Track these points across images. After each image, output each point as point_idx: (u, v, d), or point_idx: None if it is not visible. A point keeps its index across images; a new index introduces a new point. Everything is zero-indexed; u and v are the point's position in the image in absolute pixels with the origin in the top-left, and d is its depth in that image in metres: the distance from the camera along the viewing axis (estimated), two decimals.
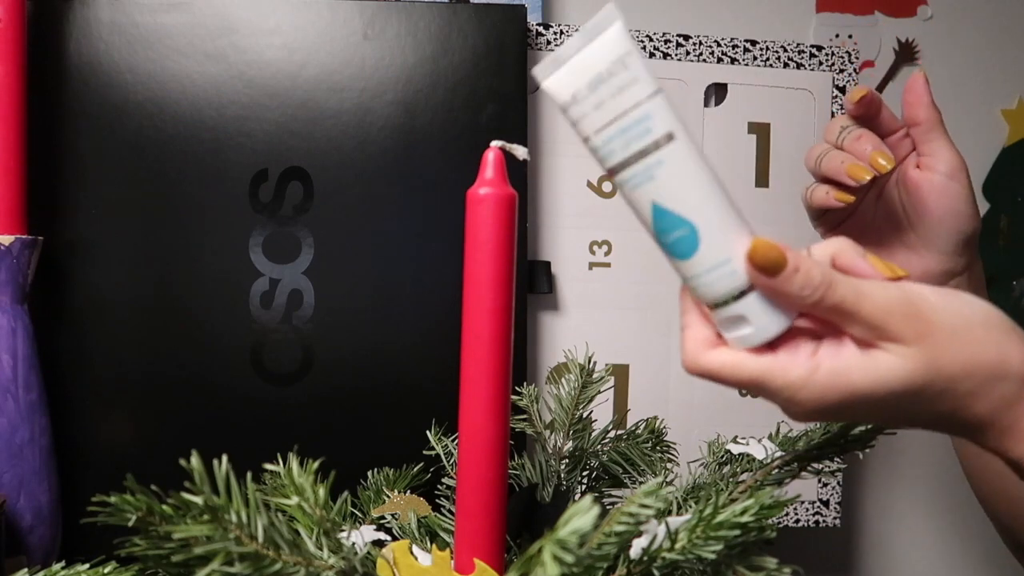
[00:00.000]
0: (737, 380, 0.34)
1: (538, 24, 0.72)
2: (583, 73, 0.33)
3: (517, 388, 0.56)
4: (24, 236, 0.56)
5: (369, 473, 0.56)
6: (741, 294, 0.33)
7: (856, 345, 0.33)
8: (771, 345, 0.34)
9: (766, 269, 0.32)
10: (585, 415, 0.54)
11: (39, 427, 0.56)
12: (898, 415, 0.35)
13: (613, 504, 0.51)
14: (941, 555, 0.89)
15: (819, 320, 0.34)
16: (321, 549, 0.34)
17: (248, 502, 0.31)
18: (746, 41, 0.75)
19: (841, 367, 0.33)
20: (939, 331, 0.33)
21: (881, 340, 0.33)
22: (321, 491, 0.37)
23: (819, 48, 0.76)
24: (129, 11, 0.64)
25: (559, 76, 0.33)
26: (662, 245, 0.34)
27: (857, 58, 0.76)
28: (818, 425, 0.48)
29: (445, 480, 0.53)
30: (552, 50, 0.72)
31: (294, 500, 0.37)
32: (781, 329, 0.34)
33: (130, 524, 0.31)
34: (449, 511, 0.50)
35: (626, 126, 0.32)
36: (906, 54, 0.88)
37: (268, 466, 0.42)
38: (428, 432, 0.55)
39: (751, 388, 0.34)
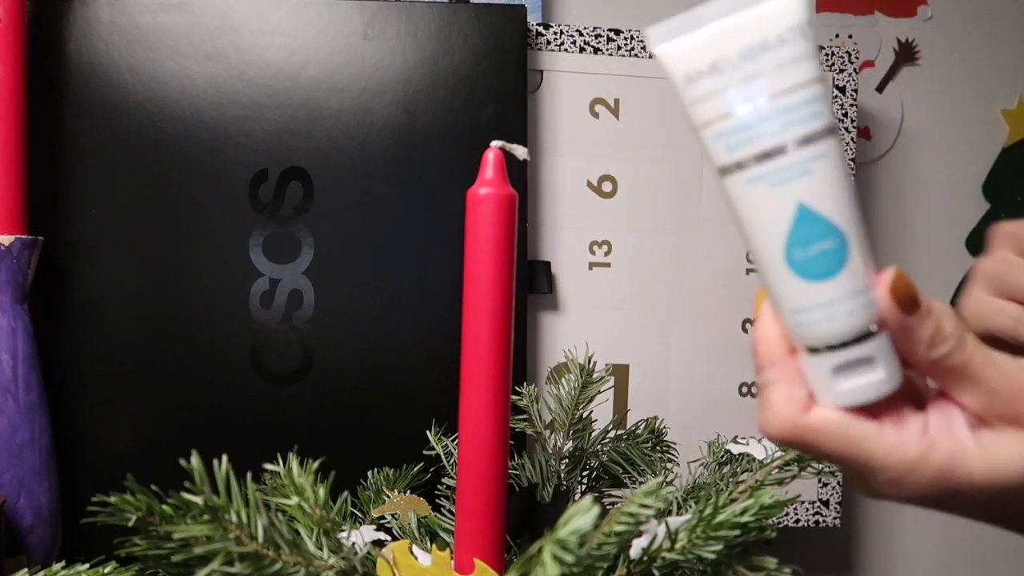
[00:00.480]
0: (839, 446, 0.29)
1: (538, 24, 0.72)
2: (740, 37, 0.27)
3: (517, 388, 0.55)
4: (24, 236, 0.56)
5: (369, 473, 0.56)
6: (873, 332, 0.28)
7: (967, 422, 0.29)
8: (873, 415, 0.29)
9: (905, 304, 0.27)
10: (585, 415, 0.54)
11: (39, 427, 0.56)
12: (1010, 515, 0.30)
13: (613, 504, 0.51)
14: (941, 555, 0.89)
15: (913, 384, 0.30)
16: (321, 549, 0.34)
17: (248, 502, 0.31)
18: None
19: (958, 451, 0.28)
20: None
21: (1002, 421, 0.28)
22: (321, 491, 0.37)
23: (819, 48, 0.76)
24: (129, 11, 0.64)
25: (698, 39, 0.27)
26: (790, 261, 0.27)
27: (857, 58, 0.76)
28: None
29: (445, 480, 0.53)
30: (553, 50, 0.72)
31: (294, 500, 0.37)
32: (901, 381, 0.28)
33: (130, 524, 0.31)
34: (449, 511, 0.50)
35: (790, 106, 0.26)
36: (906, 54, 0.88)
37: (268, 466, 0.42)
38: (428, 432, 0.55)
39: (848, 460, 0.29)
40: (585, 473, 0.53)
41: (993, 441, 0.28)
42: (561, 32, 0.72)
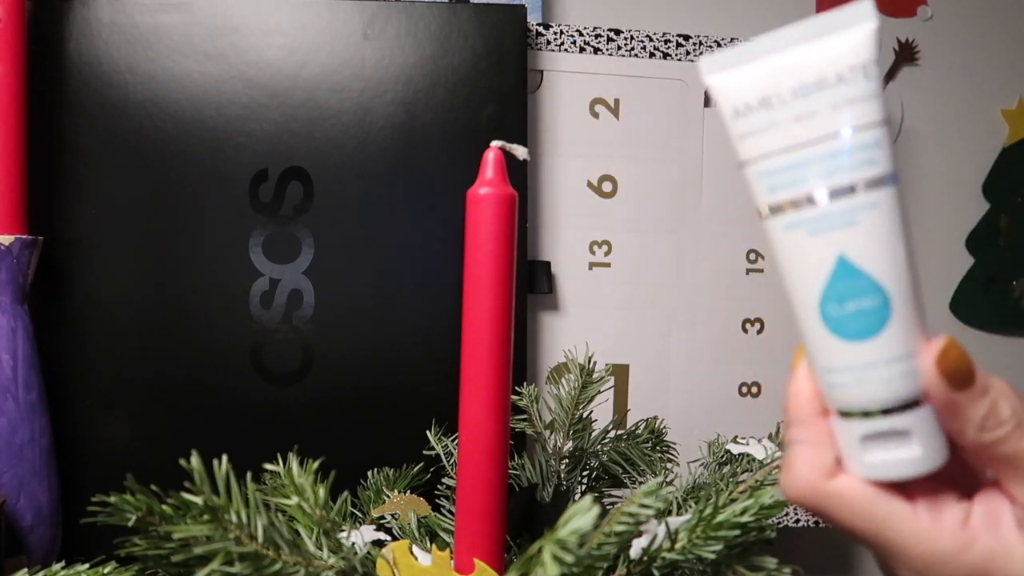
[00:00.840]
0: (862, 521, 0.26)
1: (538, 24, 0.72)
2: (794, 73, 0.25)
3: (517, 388, 0.55)
4: (24, 236, 0.56)
5: (369, 473, 0.56)
6: (912, 404, 0.25)
7: (1016, 518, 0.26)
8: (907, 492, 0.26)
9: (955, 378, 0.25)
10: (585, 415, 0.54)
11: (39, 427, 0.56)
12: None
13: (613, 504, 0.51)
14: None
15: (965, 468, 0.27)
16: (321, 549, 0.34)
17: (248, 502, 0.31)
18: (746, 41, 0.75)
19: (1001, 551, 0.25)
20: None
21: None
22: (321, 491, 0.37)
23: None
24: (129, 11, 0.64)
25: (750, 71, 0.26)
26: (824, 316, 0.25)
27: None
28: None
29: (445, 480, 0.53)
30: (553, 50, 0.72)
31: (294, 500, 0.37)
32: (942, 462, 0.26)
33: (130, 524, 0.31)
34: (449, 511, 0.50)
35: (840, 150, 0.24)
36: (906, 54, 0.88)
37: (268, 466, 0.42)
38: (428, 432, 0.55)
39: (870, 538, 0.26)
40: (585, 473, 0.53)
41: None
42: (561, 32, 0.72)
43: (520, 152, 0.40)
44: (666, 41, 0.74)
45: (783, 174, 0.25)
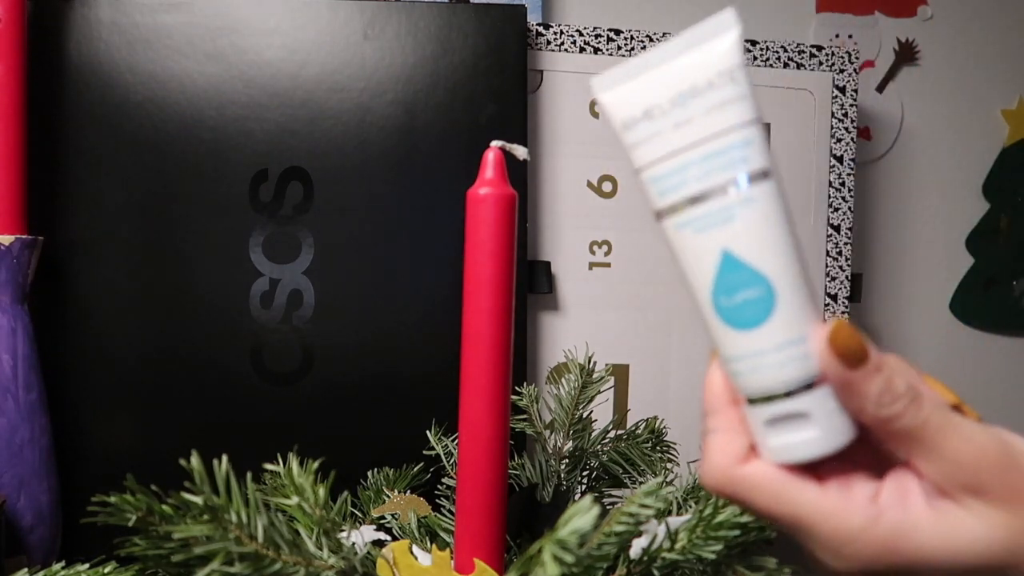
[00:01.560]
0: (773, 504, 0.27)
1: (538, 24, 0.72)
2: (671, 84, 0.27)
3: (517, 388, 0.55)
4: (24, 236, 0.56)
5: (369, 473, 0.56)
6: (808, 386, 0.26)
7: (924, 493, 0.26)
8: (817, 474, 0.27)
9: (847, 357, 0.25)
10: (585, 415, 0.54)
11: (39, 427, 0.56)
12: None
13: (613, 504, 0.51)
14: None
15: (878, 449, 0.28)
16: (321, 549, 0.34)
17: (248, 502, 0.31)
18: (746, 41, 0.75)
19: (908, 524, 0.26)
20: None
21: (963, 492, 0.25)
22: (321, 491, 0.37)
23: (819, 48, 0.76)
24: (129, 11, 0.64)
25: (633, 87, 0.28)
26: (718, 308, 0.27)
27: (857, 58, 0.76)
28: None
29: (445, 480, 0.53)
30: (553, 50, 0.72)
31: (294, 500, 0.37)
32: (846, 441, 0.27)
33: (130, 524, 0.31)
34: (449, 511, 0.50)
35: (716, 151, 0.26)
36: (906, 54, 0.88)
37: (268, 466, 0.42)
38: (428, 432, 0.55)
39: (783, 520, 0.27)
40: (585, 473, 0.53)
41: (953, 516, 0.26)
42: (561, 32, 0.72)
43: (520, 152, 0.40)
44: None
45: (668, 179, 0.27)
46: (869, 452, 0.28)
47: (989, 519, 0.25)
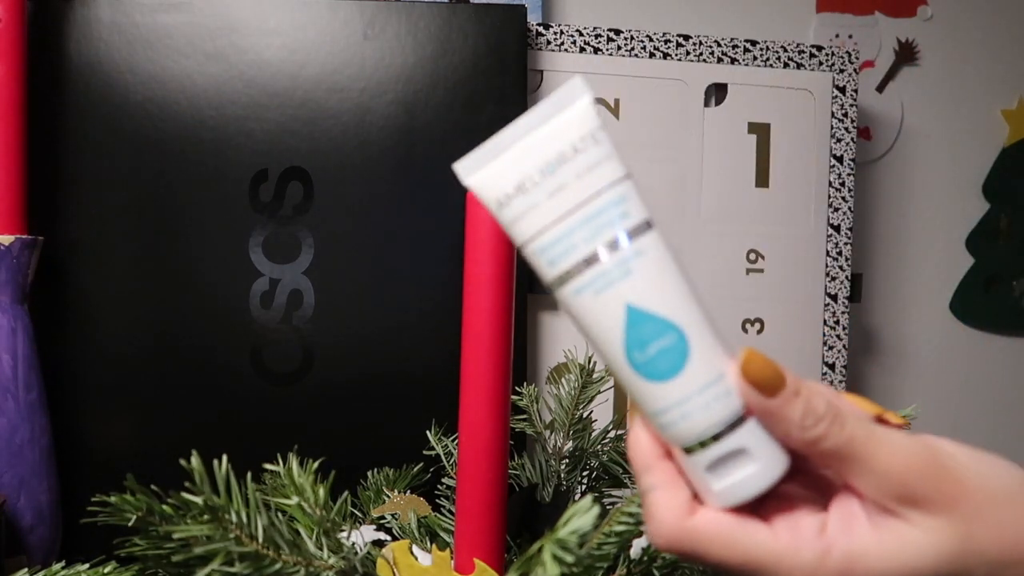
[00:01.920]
0: (728, 556, 0.26)
1: (538, 24, 0.72)
2: (537, 155, 0.27)
3: (517, 388, 0.55)
4: (24, 236, 0.56)
5: (369, 473, 0.56)
6: (738, 422, 0.26)
7: (867, 514, 0.26)
8: (764, 516, 0.27)
9: (762, 385, 0.26)
10: (585, 415, 0.54)
11: (39, 427, 0.56)
12: None
13: (613, 504, 0.51)
14: None
15: (818, 480, 0.28)
16: (321, 549, 0.34)
17: (248, 502, 0.31)
18: (746, 41, 0.75)
19: (857, 550, 0.25)
20: (973, 497, 0.25)
21: (901, 505, 0.25)
22: (321, 491, 0.37)
23: (819, 48, 0.76)
24: (129, 11, 0.64)
25: (500, 164, 0.28)
26: (633, 365, 0.26)
27: (857, 58, 0.76)
28: None
29: (445, 480, 0.53)
30: (553, 50, 0.72)
31: (294, 500, 0.37)
32: (786, 467, 0.27)
33: (130, 524, 0.31)
34: (449, 511, 0.50)
35: (596, 211, 0.26)
36: (906, 54, 0.88)
37: (268, 466, 0.42)
38: (428, 432, 0.55)
39: (739, 567, 0.26)
40: (585, 473, 0.53)
41: (894, 531, 0.25)
42: (561, 32, 0.72)
43: None
44: (666, 41, 0.74)
45: (555, 247, 0.27)
46: (810, 485, 0.28)
47: (932, 530, 0.25)
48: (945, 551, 0.25)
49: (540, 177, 0.27)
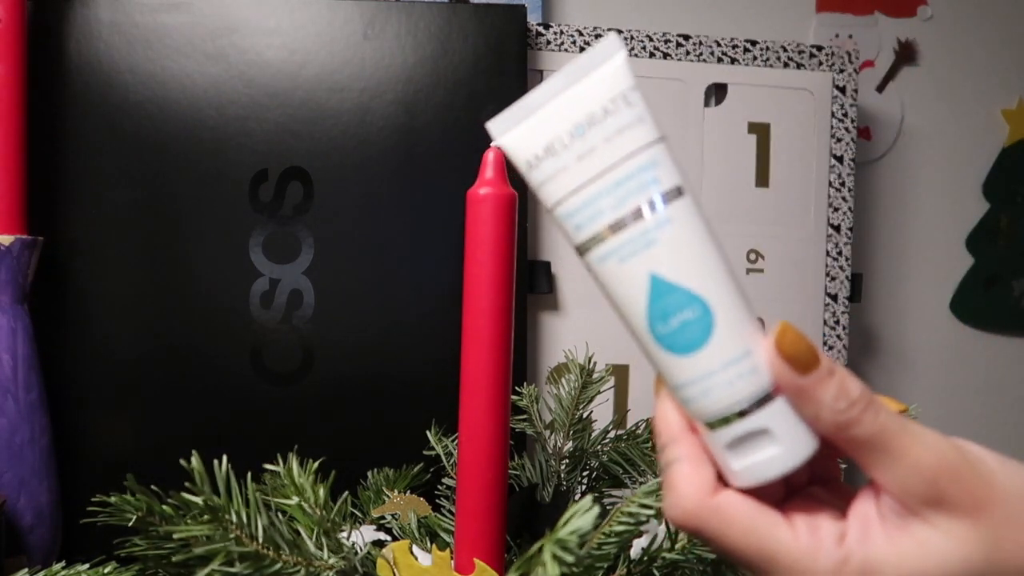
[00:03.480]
0: (744, 542, 0.25)
1: (538, 24, 0.72)
2: (566, 116, 0.26)
3: (517, 388, 0.55)
4: (24, 236, 0.56)
5: (369, 473, 0.56)
6: (764, 400, 0.25)
7: (887, 519, 0.25)
8: (785, 511, 0.26)
9: (796, 361, 0.25)
10: (585, 415, 0.54)
11: (39, 427, 0.56)
12: None
13: (613, 504, 0.51)
14: None
15: (841, 487, 0.27)
16: (321, 549, 0.34)
17: (248, 502, 0.31)
18: (746, 41, 0.75)
19: (875, 559, 0.24)
20: (1002, 502, 0.24)
21: (927, 506, 0.24)
22: (321, 491, 0.37)
23: (819, 48, 0.76)
24: (129, 11, 0.64)
25: (531, 125, 0.27)
26: (657, 336, 0.26)
27: (857, 58, 0.76)
28: None
29: (445, 480, 0.53)
30: (553, 50, 0.72)
31: (294, 500, 0.37)
32: (810, 453, 0.26)
33: (130, 524, 0.31)
34: (449, 511, 0.50)
35: (624, 176, 0.26)
36: (906, 54, 0.88)
37: (268, 466, 0.42)
38: (428, 432, 0.55)
39: (753, 556, 0.25)
40: (585, 473, 0.53)
41: (921, 537, 0.24)
42: (561, 32, 0.72)
43: None
44: (666, 41, 0.74)
45: (582, 212, 0.26)
46: (834, 491, 0.28)
47: (957, 536, 0.24)
48: (971, 559, 0.24)
49: (569, 139, 0.26)
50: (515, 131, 0.27)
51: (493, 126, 0.28)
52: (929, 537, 0.24)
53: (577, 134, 0.26)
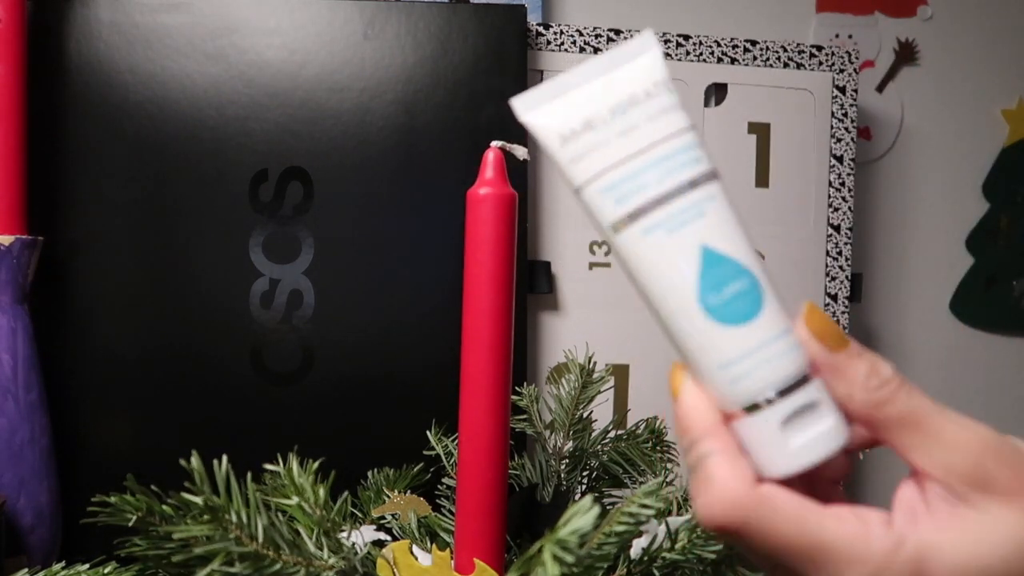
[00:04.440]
0: (795, 536, 0.24)
1: (538, 24, 0.72)
2: (608, 95, 0.27)
3: (517, 388, 0.55)
4: (24, 236, 0.56)
5: (369, 473, 0.56)
6: (807, 377, 0.25)
7: (933, 504, 0.24)
8: (828, 498, 0.26)
9: (826, 336, 0.25)
10: (585, 415, 0.54)
11: (39, 427, 0.56)
12: None
13: (613, 504, 0.51)
14: None
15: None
16: (321, 549, 0.34)
17: (248, 502, 0.31)
18: (746, 41, 0.75)
19: (929, 542, 0.23)
20: None
21: (973, 488, 0.23)
22: (321, 491, 0.37)
23: (819, 48, 0.76)
24: (129, 11, 0.64)
25: (567, 102, 0.27)
26: (708, 307, 0.25)
27: (857, 58, 0.76)
28: None
29: (445, 480, 0.53)
30: (553, 50, 0.72)
31: (294, 500, 0.37)
32: (848, 438, 0.25)
33: (130, 524, 0.31)
34: (449, 511, 0.50)
35: (668, 153, 0.26)
36: (906, 54, 0.88)
37: (268, 466, 0.42)
38: (428, 432, 0.55)
39: (803, 550, 0.24)
40: (585, 473, 0.53)
41: (968, 522, 0.23)
42: (561, 32, 0.72)
43: (520, 152, 0.40)
44: (666, 41, 0.74)
45: (625, 184, 0.26)
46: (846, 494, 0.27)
47: (1009, 521, 0.23)
48: (1020, 538, 0.23)
49: (610, 117, 0.27)
50: (546, 107, 0.28)
51: (519, 103, 0.28)
52: (981, 523, 0.23)
53: (619, 111, 0.27)
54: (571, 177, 0.27)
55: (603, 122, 0.27)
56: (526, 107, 0.28)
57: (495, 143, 0.40)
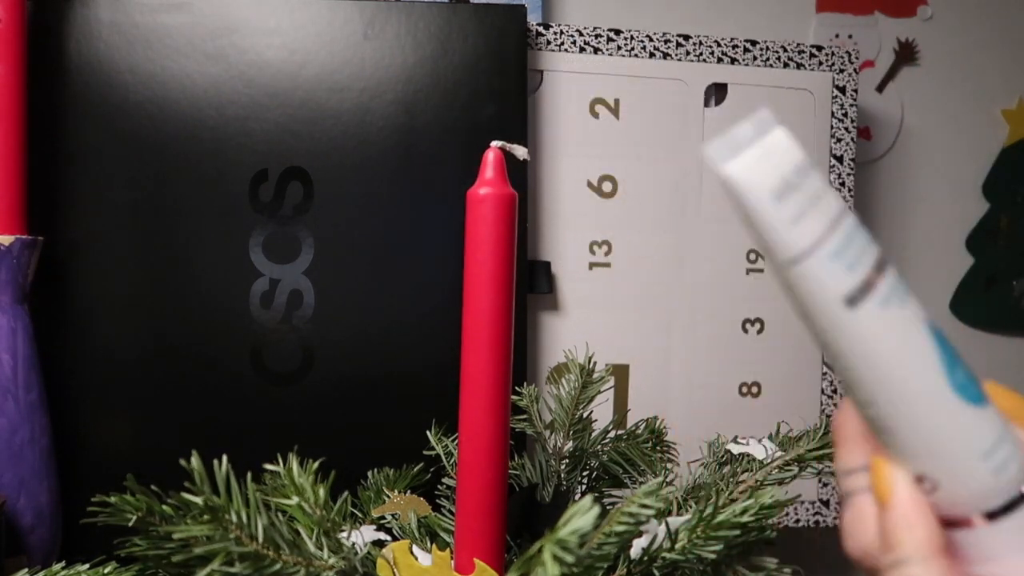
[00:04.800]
0: None
1: (538, 24, 0.72)
2: (786, 157, 0.23)
3: (517, 388, 0.55)
4: (24, 236, 0.56)
5: (369, 473, 0.56)
6: None
7: None
8: None
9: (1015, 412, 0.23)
10: (585, 415, 0.54)
11: (39, 427, 0.56)
12: None
13: (613, 504, 0.51)
14: None
15: None
16: (321, 549, 0.34)
17: (248, 502, 0.31)
18: (746, 41, 0.75)
19: None
20: None
21: None
22: (321, 491, 0.37)
23: (819, 48, 0.76)
24: (129, 11, 0.64)
25: (758, 155, 0.23)
26: (956, 386, 0.22)
27: (857, 58, 0.76)
28: (819, 425, 0.48)
29: (445, 480, 0.53)
30: (553, 50, 0.72)
31: (294, 500, 0.37)
32: None
33: (130, 524, 0.31)
34: (449, 511, 0.50)
35: (853, 223, 0.23)
36: (906, 54, 0.88)
37: (268, 466, 0.42)
38: (428, 432, 0.55)
39: None
40: (585, 473, 0.53)
41: None
42: (561, 32, 0.72)
43: (520, 152, 0.40)
44: (666, 41, 0.74)
45: (851, 247, 0.22)
46: None
47: None
48: None
49: (797, 179, 0.22)
50: (745, 158, 0.23)
51: (714, 152, 0.23)
52: None
53: (802, 173, 0.23)
54: (790, 242, 0.22)
55: (799, 183, 0.22)
56: (722, 157, 0.23)
57: (495, 143, 0.40)
